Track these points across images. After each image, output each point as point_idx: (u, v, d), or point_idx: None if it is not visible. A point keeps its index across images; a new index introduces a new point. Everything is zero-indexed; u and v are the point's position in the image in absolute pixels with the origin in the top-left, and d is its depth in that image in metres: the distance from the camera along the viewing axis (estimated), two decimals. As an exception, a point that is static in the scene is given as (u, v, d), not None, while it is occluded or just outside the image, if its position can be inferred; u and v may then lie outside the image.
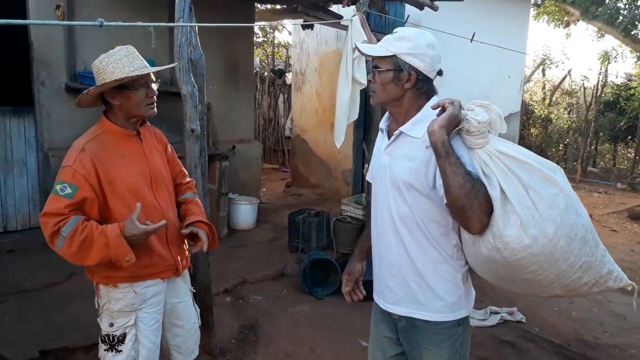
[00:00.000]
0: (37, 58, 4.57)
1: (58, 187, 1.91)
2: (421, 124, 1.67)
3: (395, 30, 1.75)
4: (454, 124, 1.53)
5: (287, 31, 13.00)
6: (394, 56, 1.68)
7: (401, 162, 1.71)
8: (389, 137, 1.80)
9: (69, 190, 1.90)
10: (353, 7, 4.48)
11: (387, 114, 1.87)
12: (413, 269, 1.74)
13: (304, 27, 6.04)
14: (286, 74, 11.03)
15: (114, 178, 2.01)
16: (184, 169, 2.49)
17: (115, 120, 2.07)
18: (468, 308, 1.79)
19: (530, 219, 1.44)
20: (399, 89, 1.71)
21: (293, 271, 4.69)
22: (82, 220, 1.90)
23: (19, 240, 4.58)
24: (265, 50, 12.85)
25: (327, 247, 5.03)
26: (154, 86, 2.08)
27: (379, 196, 1.83)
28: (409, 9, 5.65)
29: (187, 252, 2.36)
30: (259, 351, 3.42)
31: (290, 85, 10.80)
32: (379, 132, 1.91)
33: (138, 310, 2.13)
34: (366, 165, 5.38)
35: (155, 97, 2.08)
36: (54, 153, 4.67)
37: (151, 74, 2.05)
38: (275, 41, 13.22)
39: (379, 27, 5.49)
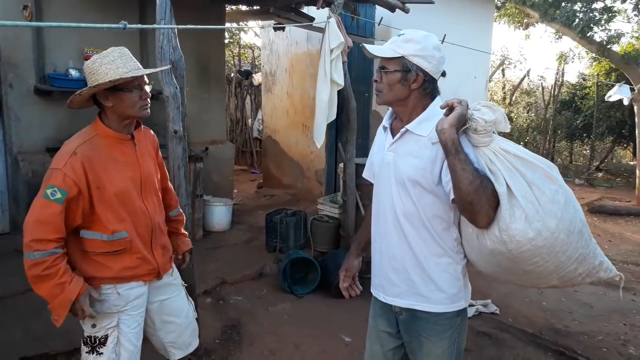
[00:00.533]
0: (4, 60, 4.47)
1: (49, 191, 1.88)
2: (427, 122, 1.75)
3: (401, 32, 1.80)
4: (462, 123, 1.60)
5: (254, 32, 12.97)
6: (402, 57, 1.73)
7: (407, 159, 1.77)
8: (393, 135, 1.86)
9: (59, 195, 1.89)
10: (327, 9, 4.54)
11: (389, 112, 1.93)
12: (416, 262, 1.80)
13: (276, 28, 6.06)
14: (253, 75, 11.01)
15: (104, 183, 2.00)
16: (167, 172, 2.50)
17: (109, 123, 2.06)
18: (467, 299, 1.87)
19: (534, 213, 1.53)
20: (406, 89, 1.77)
21: (272, 271, 4.71)
22: (56, 258, 1.90)
23: (-12, 247, 4.46)
24: (232, 52, 12.78)
25: (304, 246, 5.07)
26: (147, 88, 2.08)
27: (380, 194, 1.89)
28: (380, 12, 5.76)
29: (171, 254, 2.38)
30: (244, 350, 3.44)
31: (256, 86, 10.79)
32: (381, 130, 1.96)
33: (121, 312, 2.13)
34: (340, 165, 5.45)
35: (148, 99, 2.08)
36: (23, 157, 4.56)
37: (144, 76, 2.05)
38: (242, 42, 13.17)
39: (350, 29, 5.57)
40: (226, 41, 12.73)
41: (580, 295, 4.74)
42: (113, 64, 1.95)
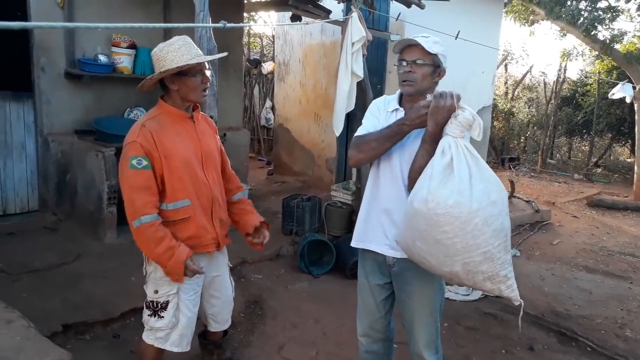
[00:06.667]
0: (37, 44, 4.64)
1: (134, 161, 2.10)
2: None
3: (422, 35, 2.09)
4: (447, 120, 1.88)
5: (263, 21, 13.08)
6: (435, 55, 2.04)
7: (417, 138, 2.07)
8: None
9: (145, 162, 2.12)
10: (344, 4, 4.73)
11: (395, 96, 2.23)
12: None
13: (293, 19, 6.23)
14: (262, 64, 11.16)
15: (171, 153, 2.20)
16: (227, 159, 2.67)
17: (172, 103, 2.28)
18: None
19: (461, 191, 1.78)
20: (431, 82, 2.11)
21: (288, 252, 4.95)
22: (160, 222, 2.15)
23: (19, 223, 4.68)
24: (240, 40, 12.91)
25: (318, 230, 5.30)
26: (208, 73, 2.29)
27: (392, 162, 2.16)
28: (396, 7, 5.94)
29: (228, 228, 2.57)
30: (267, 323, 3.68)
31: (265, 75, 10.96)
32: (389, 112, 2.20)
33: None
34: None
35: (208, 83, 2.29)
36: (53, 138, 4.77)
37: (205, 62, 2.26)
38: (252, 31, 13.30)
39: (368, 23, 5.75)
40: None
41: (579, 282, 5.00)
42: (179, 51, 2.16)
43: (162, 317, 2.32)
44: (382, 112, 2.23)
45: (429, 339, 2.27)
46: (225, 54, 2.44)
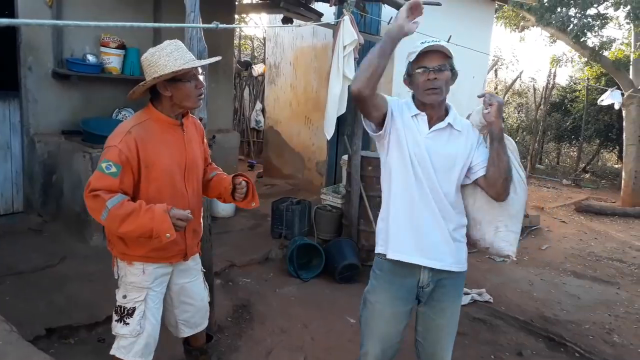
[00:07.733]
0: (25, 43, 4.57)
1: (104, 165, 2.01)
2: (459, 119, 2.07)
3: (433, 39, 2.03)
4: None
5: (255, 23, 13.04)
6: (450, 59, 1.98)
7: (446, 148, 2.02)
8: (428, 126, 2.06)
9: (113, 169, 2.01)
10: (336, 7, 4.71)
11: (411, 103, 2.11)
12: (448, 232, 2.07)
13: (284, 22, 6.21)
14: (252, 66, 11.12)
15: (154, 162, 2.12)
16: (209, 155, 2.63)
17: (162, 109, 2.19)
18: None
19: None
20: (448, 89, 2.02)
21: (277, 256, 4.91)
22: (127, 199, 2.03)
23: (4, 225, 4.60)
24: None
25: (308, 234, 5.27)
26: (201, 77, 2.22)
27: (421, 174, 2.03)
28: (388, 11, 5.93)
29: (200, 238, 2.50)
30: (255, 328, 3.63)
31: (255, 77, 10.92)
32: (411, 116, 2.07)
33: (149, 288, 2.25)
34: (344, 157, 5.66)
35: (202, 88, 2.22)
36: (39, 138, 4.70)
37: (199, 67, 2.20)
38: (242, 33, 13.25)
39: (359, 27, 5.74)
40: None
41: (568, 287, 5.02)
42: (171, 56, 2.08)
43: (128, 323, 2.23)
44: (406, 112, 2.09)
45: (451, 354, 2.23)
46: (219, 58, 2.38)
